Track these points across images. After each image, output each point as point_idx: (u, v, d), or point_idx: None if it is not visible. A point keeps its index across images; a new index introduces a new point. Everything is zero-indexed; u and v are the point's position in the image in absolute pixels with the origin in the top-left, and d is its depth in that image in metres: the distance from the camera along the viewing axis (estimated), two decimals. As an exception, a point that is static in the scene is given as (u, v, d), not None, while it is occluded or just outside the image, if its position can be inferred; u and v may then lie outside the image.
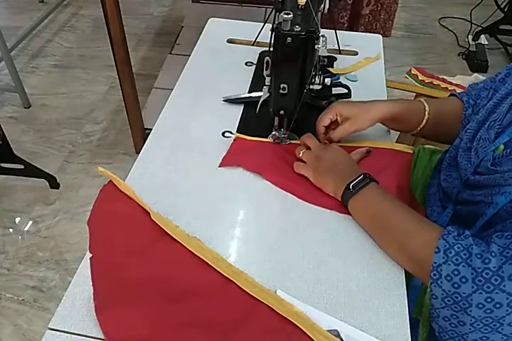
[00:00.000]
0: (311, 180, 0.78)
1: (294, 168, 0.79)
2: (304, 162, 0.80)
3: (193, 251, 0.67)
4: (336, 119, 0.82)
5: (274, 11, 0.80)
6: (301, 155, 0.80)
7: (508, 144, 0.65)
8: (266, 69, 0.79)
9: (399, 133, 1.49)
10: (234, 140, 0.87)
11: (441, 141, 0.90)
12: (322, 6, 0.85)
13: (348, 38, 1.15)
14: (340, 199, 0.74)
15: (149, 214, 0.71)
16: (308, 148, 0.81)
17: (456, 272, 0.57)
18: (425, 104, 0.83)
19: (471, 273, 0.56)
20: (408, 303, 0.64)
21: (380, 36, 1.20)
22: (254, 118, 0.92)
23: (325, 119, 0.81)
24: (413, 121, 0.83)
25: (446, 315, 0.59)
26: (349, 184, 0.72)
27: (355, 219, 0.73)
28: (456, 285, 0.57)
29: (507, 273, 0.54)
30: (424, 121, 0.82)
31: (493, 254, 0.56)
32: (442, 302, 0.58)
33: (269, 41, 0.75)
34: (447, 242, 0.59)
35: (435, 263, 0.58)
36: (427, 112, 0.82)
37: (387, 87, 1.04)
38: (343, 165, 0.76)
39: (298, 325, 0.59)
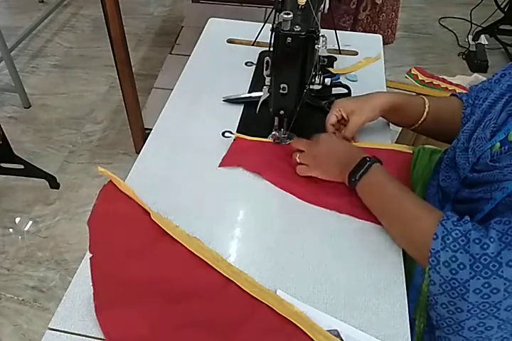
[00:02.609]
0: (319, 177, 0.78)
1: (298, 173, 0.79)
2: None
3: (193, 251, 0.67)
4: (343, 118, 0.84)
5: (274, 11, 0.80)
6: (298, 160, 0.80)
7: (504, 141, 0.66)
8: (266, 69, 0.79)
9: (399, 133, 1.49)
10: (234, 140, 0.87)
11: (442, 140, 0.91)
12: (322, 6, 0.85)
13: (348, 38, 1.15)
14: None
15: (149, 214, 0.71)
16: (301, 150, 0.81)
17: (454, 258, 0.58)
18: (425, 99, 0.85)
19: (469, 259, 0.56)
20: (408, 304, 0.64)
21: (380, 36, 1.20)
22: (254, 118, 0.92)
23: (332, 117, 0.84)
24: (413, 114, 0.85)
25: (444, 301, 0.59)
26: (350, 173, 0.73)
27: (365, 204, 0.74)
28: (453, 272, 0.57)
29: (505, 258, 0.55)
30: (425, 115, 0.84)
31: (492, 240, 0.56)
32: (440, 288, 0.59)
33: (269, 41, 0.75)
34: (445, 228, 0.60)
35: (433, 249, 0.59)
36: (427, 106, 0.84)
37: (387, 87, 1.05)
38: (342, 153, 0.77)
39: (298, 325, 0.60)
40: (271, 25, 0.73)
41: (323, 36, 0.76)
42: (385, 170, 0.72)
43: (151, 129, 0.90)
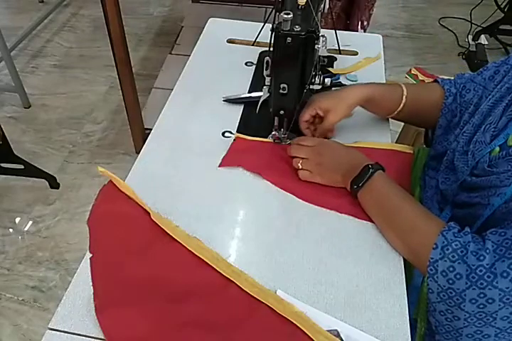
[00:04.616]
0: (321, 183, 0.78)
1: (301, 178, 0.79)
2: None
3: (192, 251, 0.67)
4: (318, 113, 0.83)
5: (274, 11, 0.80)
6: (300, 167, 0.79)
7: (503, 146, 0.66)
8: (266, 69, 0.79)
9: (399, 133, 1.49)
10: (234, 140, 0.87)
11: (418, 126, 0.93)
12: (322, 6, 0.85)
13: (348, 38, 1.15)
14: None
15: (149, 214, 0.71)
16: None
17: (451, 268, 0.58)
18: (404, 88, 0.84)
19: (466, 269, 0.57)
20: (408, 304, 0.64)
21: (380, 36, 1.20)
22: (254, 118, 0.92)
23: (306, 115, 0.83)
24: (390, 105, 0.84)
25: (442, 309, 0.60)
26: (353, 181, 0.73)
27: (365, 211, 0.74)
28: (450, 281, 0.58)
29: (499, 270, 0.55)
30: (402, 105, 0.83)
31: (488, 251, 0.57)
32: (438, 296, 0.60)
33: (269, 41, 0.75)
34: (446, 239, 0.60)
35: (432, 258, 0.60)
36: (404, 96, 0.83)
37: (387, 87, 1.04)
38: (345, 160, 0.77)
39: (298, 325, 0.59)
40: (271, 25, 0.73)
41: (323, 36, 0.76)
42: (388, 178, 0.72)
43: (151, 129, 0.90)
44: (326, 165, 0.77)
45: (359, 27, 1.77)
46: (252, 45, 1.12)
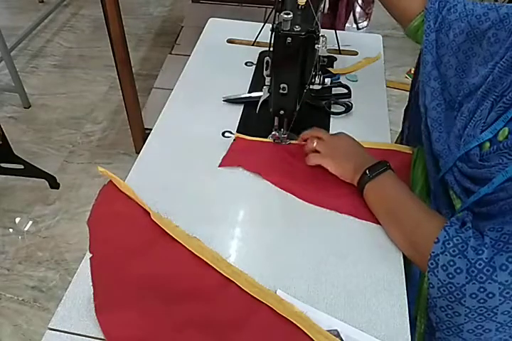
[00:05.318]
0: (329, 168, 0.78)
1: (308, 160, 0.80)
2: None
3: (193, 251, 0.67)
4: None
5: (274, 11, 0.80)
6: (314, 145, 0.80)
7: (494, 141, 0.66)
8: (266, 69, 0.79)
9: (399, 133, 1.49)
10: (234, 140, 0.87)
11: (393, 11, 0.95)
12: (322, 6, 0.85)
13: (348, 38, 1.15)
14: (356, 185, 0.76)
15: (149, 214, 0.71)
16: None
17: (452, 263, 0.59)
18: None
19: (466, 264, 0.57)
20: (408, 304, 0.64)
21: (380, 36, 1.20)
22: (254, 118, 0.92)
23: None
24: None
25: (442, 305, 0.60)
26: (367, 169, 0.73)
27: (368, 204, 0.74)
28: (450, 276, 0.58)
29: (498, 263, 0.56)
30: None
31: (486, 246, 0.57)
32: (438, 291, 0.60)
33: (269, 41, 0.75)
34: (448, 234, 0.61)
35: (433, 252, 0.60)
36: None
37: (387, 86, 1.04)
38: (360, 153, 0.78)
39: (298, 325, 0.60)
40: (271, 25, 0.73)
41: (323, 36, 0.76)
42: (397, 177, 0.74)
43: (151, 129, 0.90)
44: (340, 150, 0.79)
45: (345, 25, 1.78)
46: (252, 45, 1.12)
